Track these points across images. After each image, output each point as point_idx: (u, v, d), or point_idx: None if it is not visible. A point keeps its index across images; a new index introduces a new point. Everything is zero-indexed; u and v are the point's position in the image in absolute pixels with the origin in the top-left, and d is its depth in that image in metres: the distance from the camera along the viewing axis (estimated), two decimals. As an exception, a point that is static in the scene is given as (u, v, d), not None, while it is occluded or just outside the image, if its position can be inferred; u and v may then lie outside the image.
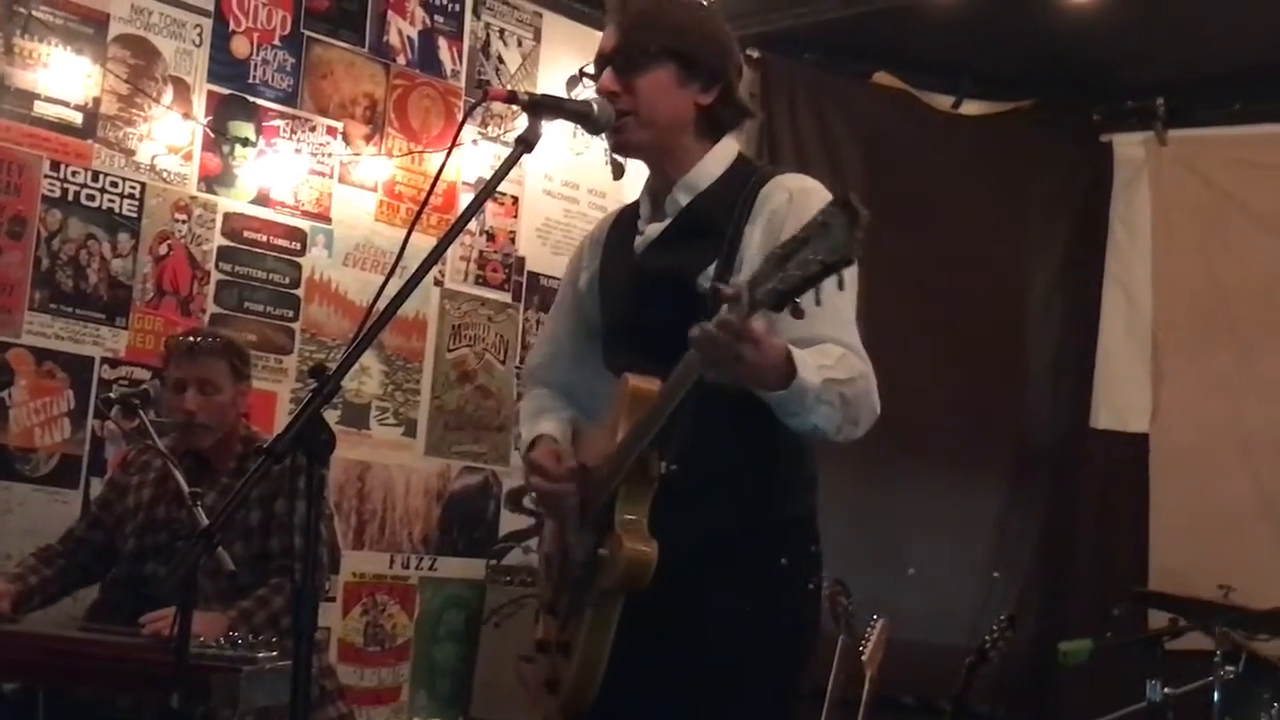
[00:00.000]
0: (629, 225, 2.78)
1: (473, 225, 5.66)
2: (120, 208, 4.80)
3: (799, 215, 2.33)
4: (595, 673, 2.49)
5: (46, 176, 4.64)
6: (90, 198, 4.73)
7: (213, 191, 5.03)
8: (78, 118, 4.72)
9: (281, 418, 5.05)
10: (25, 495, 4.56)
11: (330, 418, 2.44)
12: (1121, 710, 4.69)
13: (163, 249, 4.90)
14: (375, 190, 5.47)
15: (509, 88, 4.19)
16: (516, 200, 5.91)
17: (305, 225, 5.26)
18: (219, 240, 5.04)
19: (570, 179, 6.08)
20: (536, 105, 2.49)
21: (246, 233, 5.11)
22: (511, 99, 2.53)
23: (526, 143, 2.44)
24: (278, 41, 5.23)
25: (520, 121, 2.53)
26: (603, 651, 2.48)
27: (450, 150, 2.66)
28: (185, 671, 2.95)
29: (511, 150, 2.45)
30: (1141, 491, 6.18)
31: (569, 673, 2.54)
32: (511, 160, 2.45)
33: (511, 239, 5.90)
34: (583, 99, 2.62)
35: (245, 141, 5.11)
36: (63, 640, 3.52)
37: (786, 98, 6.38)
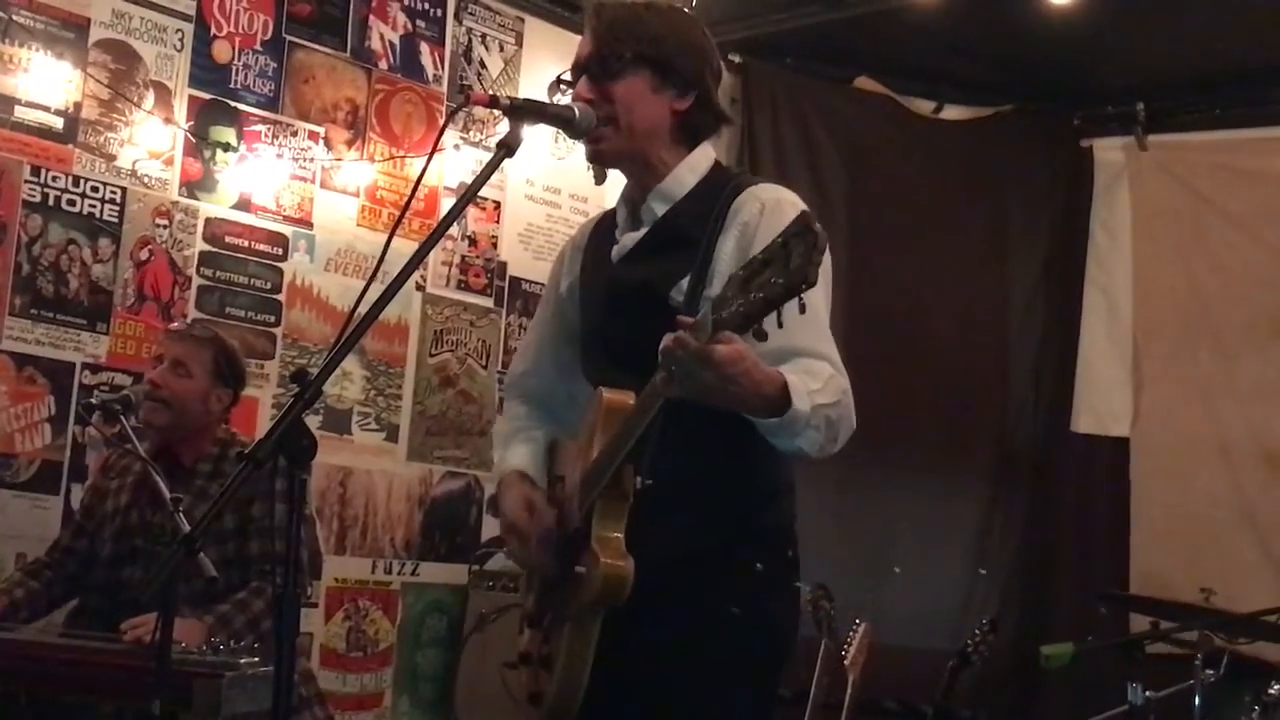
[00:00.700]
0: (608, 232, 2.78)
1: (454, 230, 5.66)
2: (101, 213, 4.79)
3: (771, 227, 2.34)
4: (577, 686, 2.49)
5: (27, 181, 4.63)
6: (71, 203, 4.72)
7: (194, 196, 5.02)
8: (58, 122, 4.70)
9: (263, 423, 5.03)
10: (6, 501, 4.54)
11: (312, 423, 2.43)
12: (1103, 713, 4.69)
13: (144, 254, 4.89)
14: (357, 195, 5.46)
15: (491, 93, 4.19)
16: (498, 205, 5.91)
17: (287, 230, 5.25)
18: (200, 245, 5.03)
19: (552, 184, 6.08)
20: (518, 110, 2.49)
21: (228, 238, 5.10)
22: (493, 104, 2.53)
23: (508, 148, 2.44)
24: (259, 46, 5.22)
25: (502, 126, 2.53)
26: (584, 665, 2.48)
27: (432, 155, 2.66)
28: (167, 677, 2.94)
29: (493, 155, 2.46)
30: (1122, 495, 6.21)
31: (551, 686, 2.55)
32: (493, 165, 2.46)
33: (493, 244, 5.89)
34: (564, 104, 2.62)
35: (227, 146, 5.10)
36: (43, 646, 3.50)
37: (768, 102, 6.40)
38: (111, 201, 4.81)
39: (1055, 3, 5.51)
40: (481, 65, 5.91)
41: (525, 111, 2.51)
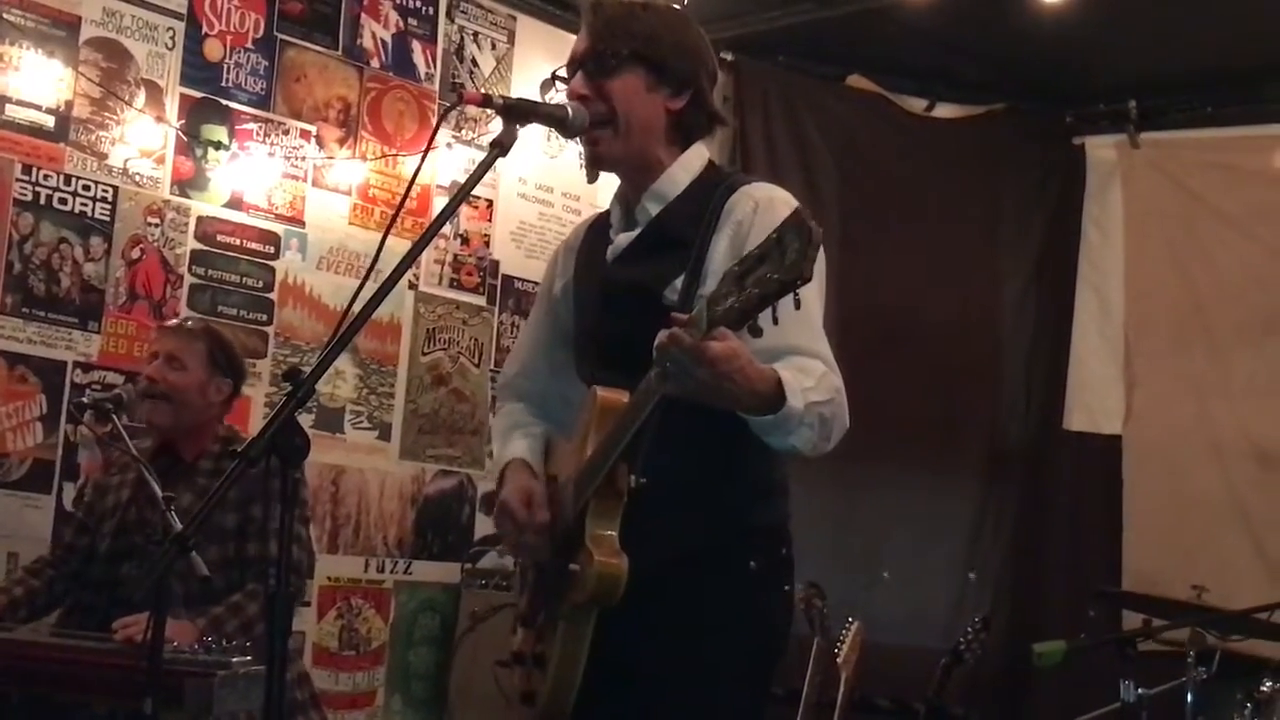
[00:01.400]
0: (602, 232, 2.78)
1: (447, 229, 5.66)
2: (93, 211, 4.78)
3: (764, 226, 2.33)
4: (571, 685, 2.49)
5: (18, 180, 4.62)
6: (62, 201, 4.71)
7: (186, 195, 5.01)
8: (50, 121, 4.69)
9: (256, 422, 5.02)
10: (-3, 500, 4.54)
11: (305, 421, 2.43)
12: (1096, 711, 4.70)
13: (135, 253, 4.88)
14: (349, 194, 5.46)
15: (483, 91, 4.18)
16: (491, 204, 5.90)
17: (279, 229, 5.25)
18: (192, 244, 5.02)
19: (545, 182, 6.08)
20: (511, 109, 2.49)
21: (220, 236, 5.09)
22: (486, 103, 2.53)
23: (501, 146, 2.44)
24: (250, 44, 5.21)
25: (495, 125, 2.53)
26: (577, 664, 2.48)
27: (425, 154, 2.67)
28: (159, 677, 2.94)
29: (487, 154, 2.45)
30: (1115, 493, 6.21)
31: (545, 686, 2.54)
32: (486, 164, 2.45)
33: (486, 242, 5.89)
34: (557, 103, 2.62)
35: (218, 145, 5.10)
36: (35, 645, 3.50)
37: (760, 100, 6.39)
38: (103, 200, 4.80)
39: (1047, 1, 5.51)
40: (474, 63, 5.90)
41: (519, 111, 2.51)
